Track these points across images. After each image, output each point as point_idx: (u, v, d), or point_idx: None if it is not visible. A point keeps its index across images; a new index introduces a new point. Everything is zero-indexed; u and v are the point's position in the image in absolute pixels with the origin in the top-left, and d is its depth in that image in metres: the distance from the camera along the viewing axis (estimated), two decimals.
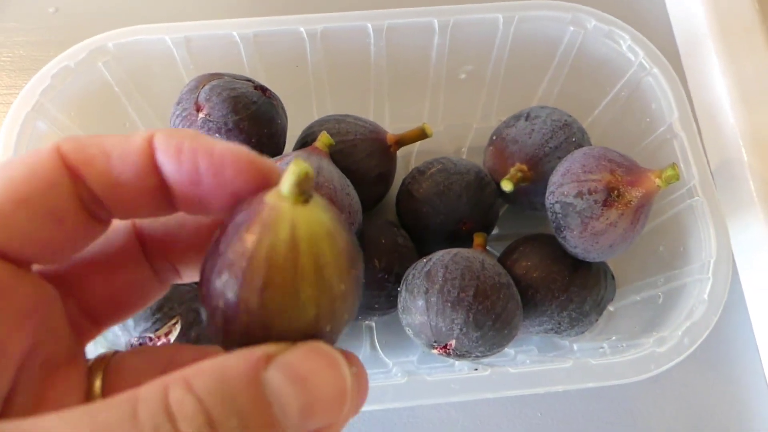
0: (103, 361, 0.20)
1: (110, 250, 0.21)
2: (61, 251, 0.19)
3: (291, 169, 0.16)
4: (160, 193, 0.19)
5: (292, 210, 0.16)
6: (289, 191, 0.16)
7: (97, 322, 0.21)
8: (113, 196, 0.19)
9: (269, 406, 0.15)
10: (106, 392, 0.19)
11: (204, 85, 0.41)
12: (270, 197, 0.17)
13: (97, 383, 0.19)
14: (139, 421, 0.14)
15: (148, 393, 0.14)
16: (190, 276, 0.23)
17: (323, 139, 0.43)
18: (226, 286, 0.16)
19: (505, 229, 0.54)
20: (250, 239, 0.16)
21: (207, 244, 0.18)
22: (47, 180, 0.17)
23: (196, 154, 0.18)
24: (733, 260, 0.52)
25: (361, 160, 0.46)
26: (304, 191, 0.16)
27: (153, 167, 0.18)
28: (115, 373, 0.20)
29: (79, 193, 0.18)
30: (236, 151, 0.18)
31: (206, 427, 0.14)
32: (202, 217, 0.22)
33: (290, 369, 0.15)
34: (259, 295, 0.16)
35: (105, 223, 0.20)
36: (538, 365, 0.38)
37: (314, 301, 0.16)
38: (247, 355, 0.15)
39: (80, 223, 0.19)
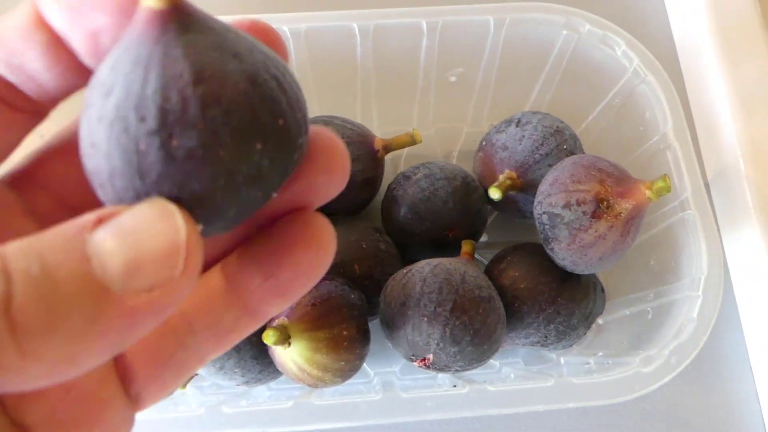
0: None
1: None
2: None
3: None
4: (55, 47, 0.17)
5: None
6: None
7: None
8: (13, 67, 0.17)
9: (86, 260, 0.14)
10: None
11: None
12: None
13: None
14: None
15: None
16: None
17: None
18: None
19: (494, 236, 0.52)
20: None
21: None
22: None
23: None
24: (728, 272, 0.51)
25: None
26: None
27: (39, 22, 0.17)
28: None
29: None
30: None
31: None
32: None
33: (117, 225, 0.14)
34: None
35: (28, 111, 0.18)
36: (518, 383, 0.36)
37: None
38: (76, 221, 0.14)
39: None
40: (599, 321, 0.47)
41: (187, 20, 0.15)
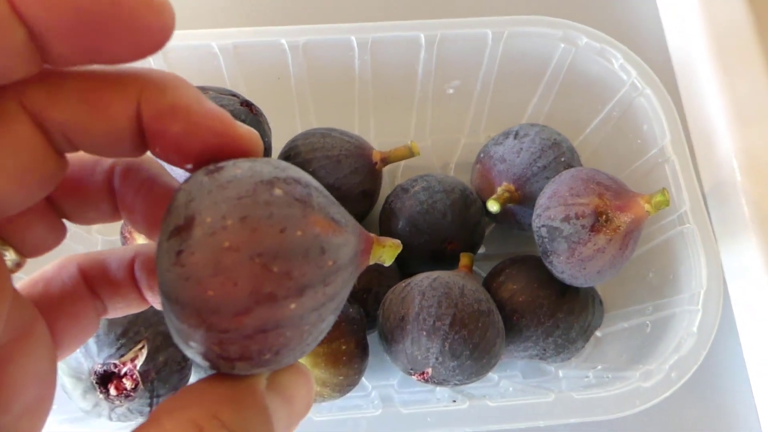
0: None
1: (55, 287, 0.21)
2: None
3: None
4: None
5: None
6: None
7: None
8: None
9: (273, 427, 0.17)
10: None
11: None
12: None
13: None
14: None
15: None
16: (118, 312, 0.22)
17: None
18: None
19: (492, 248, 0.52)
20: None
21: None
22: None
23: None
24: (725, 283, 0.51)
25: (344, 176, 0.45)
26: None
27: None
28: None
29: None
30: (217, 115, 0.18)
31: None
32: (129, 250, 0.22)
33: (283, 391, 0.18)
34: None
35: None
36: (518, 398, 0.36)
37: None
38: (254, 385, 0.17)
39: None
40: (597, 333, 0.47)
41: None
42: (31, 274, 0.21)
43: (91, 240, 0.48)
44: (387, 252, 0.19)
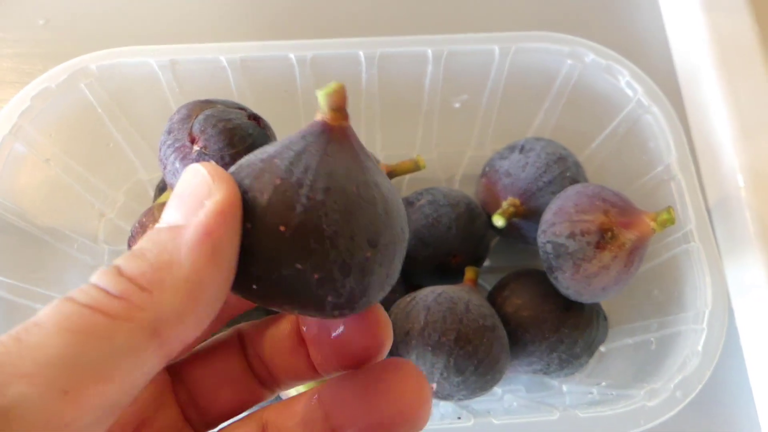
0: None
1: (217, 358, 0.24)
2: None
3: None
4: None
5: None
6: None
7: (206, 422, 0.24)
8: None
9: None
10: None
11: (197, 115, 0.39)
12: None
13: None
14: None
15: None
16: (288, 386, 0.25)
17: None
18: None
19: (497, 261, 0.52)
20: None
21: None
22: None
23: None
24: (729, 299, 0.51)
25: None
26: None
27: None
28: None
29: None
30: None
31: None
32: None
33: None
34: None
35: None
36: (523, 416, 0.36)
37: None
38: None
39: None
40: (602, 349, 0.47)
41: None
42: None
43: (98, 249, 0.48)
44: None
